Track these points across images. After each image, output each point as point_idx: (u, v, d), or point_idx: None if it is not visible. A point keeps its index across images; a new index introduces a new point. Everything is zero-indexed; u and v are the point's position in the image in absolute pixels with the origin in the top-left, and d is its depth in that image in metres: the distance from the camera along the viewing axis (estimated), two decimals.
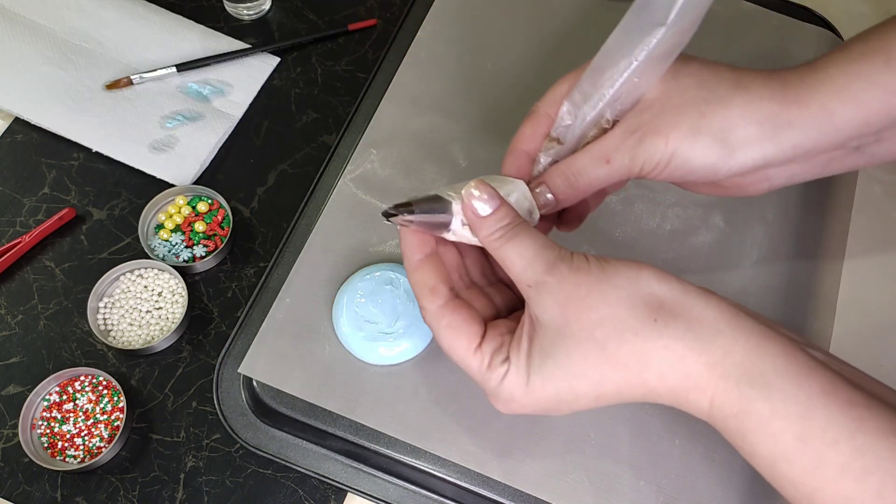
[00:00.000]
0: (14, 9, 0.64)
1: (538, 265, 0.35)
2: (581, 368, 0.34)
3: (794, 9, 0.64)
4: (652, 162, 0.37)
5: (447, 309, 0.37)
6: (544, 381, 0.35)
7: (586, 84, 0.39)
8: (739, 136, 0.37)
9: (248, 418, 0.49)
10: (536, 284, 0.35)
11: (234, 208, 0.58)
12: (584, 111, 0.39)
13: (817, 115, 0.37)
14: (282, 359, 0.49)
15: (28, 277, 0.56)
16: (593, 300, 0.34)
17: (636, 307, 0.33)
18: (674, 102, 0.37)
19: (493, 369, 0.36)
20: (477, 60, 0.60)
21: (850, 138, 0.38)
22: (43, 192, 0.59)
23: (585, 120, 0.39)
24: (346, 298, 0.49)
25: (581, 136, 0.40)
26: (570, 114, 0.39)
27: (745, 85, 0.37)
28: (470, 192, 0.37)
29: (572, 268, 0.34)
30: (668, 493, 0.45)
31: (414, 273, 0.39)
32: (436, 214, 0.37)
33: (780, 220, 0.55)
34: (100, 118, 0.60)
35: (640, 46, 0.36)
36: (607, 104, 0.38)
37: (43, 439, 0.50)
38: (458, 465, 0.46)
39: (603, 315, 0.33)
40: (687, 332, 0.33)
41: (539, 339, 0.35)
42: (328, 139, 0.62)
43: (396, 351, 0.48)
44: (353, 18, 0.67)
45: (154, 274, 0.55)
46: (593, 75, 0.38)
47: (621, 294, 0.34)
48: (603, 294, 0.34)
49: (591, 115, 0.39)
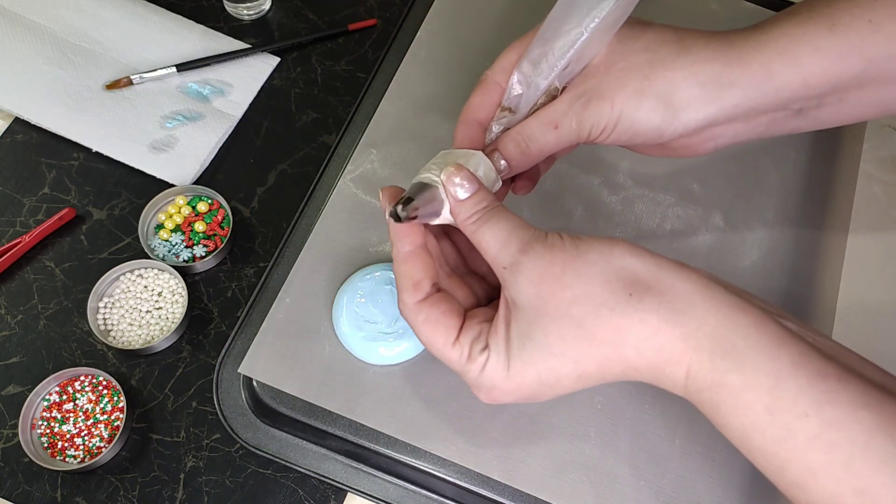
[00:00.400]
0: (14, 9, 0.64)
1: (512, 246, 0.35)
2: (560, 347, 0.34)
3: None
4: (599, 126, 0.38)
5: (425, 304, 0.37)
6: (525, 364, 0.35)
7: (535, 53, 0.39)
8: (682, 97, 0.37)
9: (248, 418, 0.49)
10: (511, 266, 0.35)
11: (234, 208, 0.58)
12: (536, 81, 0.39)
13: (758, 75, 0.37)
14: (282, 359, 0.49)
15: (28, 277, 0.56)
16: (568, 278, 0.34)
17: (610, 282, 0.34)
18: (618, 66, 0.38)
19: (472, 360, 0.36)
20: (477, 60, 0.60)
21: (791, 100, 0.38)
22: (43, 192, 0.59)
23: (538, 90, 0.40)
24: (346, 298, 0.49)
25: (532, 104, 0.40)
26: (521, 83, 0.40)
27: (688, 46, 0.38)
28: (450, 178, 0.37)
29: (546, 246, 0.35)
30: (668, 493, 0.45)
31: (401, 264, 0.38)
32: (431, 204, 0.37)
33: (780, 220, 0.55)
34: (100, 118, 0.60)
35: (589, 17, 0.37)
36: (557, 74, 0.39)
37: (43, 439, 0.50)
38: (458, 465, 0.46)
39: (578, 292, 0.34)
40: (661, 304, 0.33)
41: (516, 322, 0.35)
42: (328, 139, 0.62)
43: (396, 351, 0.48)
44: (353, 18, 0.67)
45: (154, 274, 0.55)
46: (542, 45, 0.39)
47: (595, 270, 0.34)
48: (577, 271, 0.34)
49: (543, 86, 0.39)
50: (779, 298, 0.52)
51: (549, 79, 0.39)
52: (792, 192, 0.56)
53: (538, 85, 0.39)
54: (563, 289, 0.34)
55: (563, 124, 0.39)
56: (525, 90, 0.40)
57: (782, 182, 0.56)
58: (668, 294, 0.33)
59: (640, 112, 0.38)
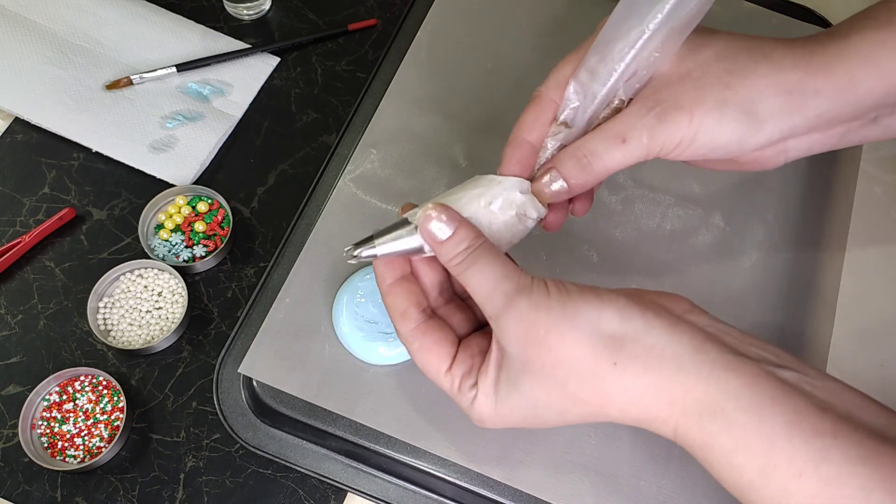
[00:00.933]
0: (14, 9, 0.64)
1: (497, 298, 0.34)
2: (544, 401, 0.34)
3: (794, 9, 0.64)
4: (674, 140, 0.35)
5: (418, 332, 0.37)
6: (511, 409, 0.35)
7: (593, 60, 0.36)
8: (767, 107, 0.35)
9: (248, 418, 0.49)
10: (496, 318, 0.34)
11: (234, 208, 0.58)
12: (594, 89, 0.36)
13: (843, 83, 0.36)
14: (282, 359, 0.49)
15: (28, 277, 0.56)
16: (552, 341, 0.33)
17: (595, 349, 0.33)
18: (694, 76, 0.36)
19: (462, 393, 0.36)
20: (477, 60, 0.60)
21: (871, 108, 0.37)
22: (43, 192, 0.59)
23: (596, 99, 0.36)
24: (346, 298, 0.49)
25: (592, 117, 0.37)
26: (578, 94, 0.37)
27: (767, 54, 0.36)
28: (427, 215, 0.35)
29: (531, 304, 0.33)
30: (668, 493, 0.45)
31: (386, 297, 0.38)
32: (403, 240, 0.36)
33: (780, 220, 0.55)
34: (100, 118, 0.60)
35: (651, 14, 0.34)
36: (619, 80, 0.36)
37: (43, 439, 0.50)
38: (458, 465, 0.46)
39: (561, 357, 0.33)
40: (646, 372, 0.32)
41: (506, 369, 0.35)
42: (328, 139, 0.62)
43: (396, 351, 0.48)
44: (353, 18, 0.67)
45: (154, 274, 0.55)
46: (601, 50, 0.36)
47: (580, 336, 0.33)
48: (561, 335, 0.33)
49: (602, 93, 0.36)
50: (778, 299, 0.52)
51: (608, 85, 0.36)
52: (792, 192, 0.56)
53: (596, 93, 0.36)
54: (547, 351, 0.33)
55: (631, 138, 0.36)
56: (582, 101, 0.37)
57: (782, 182, 0.56)
58: (655, 360, 0.32)
59: (723, 124, 0.35)
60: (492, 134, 0.57)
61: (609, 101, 0.37)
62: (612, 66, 0.36)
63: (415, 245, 0.36)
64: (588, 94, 0.37)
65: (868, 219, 0.55)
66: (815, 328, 0.51)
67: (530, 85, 0.59)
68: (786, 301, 0.52)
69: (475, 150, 0.56)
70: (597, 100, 0.37)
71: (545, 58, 0.60)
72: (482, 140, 0.56)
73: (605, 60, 0.36)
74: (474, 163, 0.56)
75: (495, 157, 0.56)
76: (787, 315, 0.52)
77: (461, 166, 0.55)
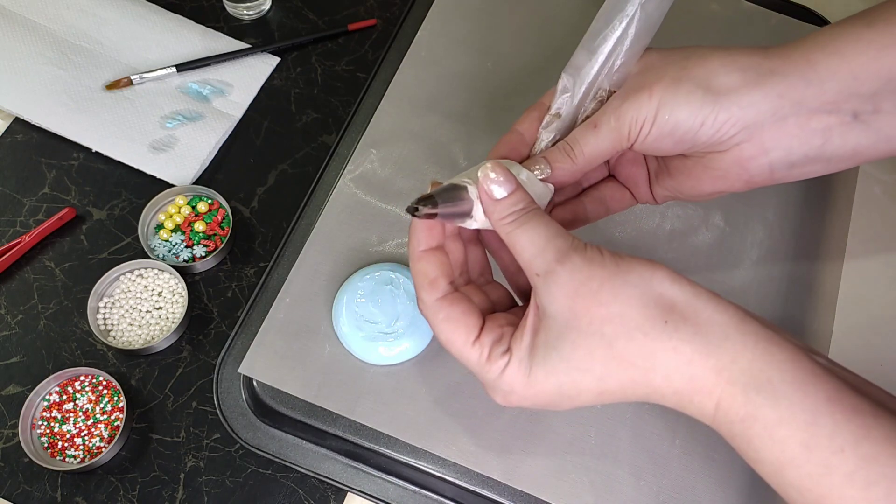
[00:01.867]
0: (14, 9, 0.64)
1: (549, 253, 0.34)
2: (586, 363, 0.34)
3: (794, 9, 0.64)
4: (638, 120, 0.37)
5: (445, 302, 0.37)
6: (547, 373, 0.34)
7: (581, 54, 0.39)
8: (722, 81, 0.37)
9: (248, 418, 0.49)
10: (546, 274, 0.34)
11: (234, 208, 0.58)
12: (581, 76, 0.39)
13: (799, 63, 0.37)
14: (282, 359, 0.49)
15: (28, 277, 0.56)
16: (604, 295, 0.33)
17: (647, 307, 0.33)
18: (656, 66, 0.38)
19: (492, 361, 0.36)
20: (477, 60, 0.60)
21: (840, 98, 0.37)
22: (43, 192, 0.59)
23: (584, 84, 0.39)
24: (346, 298, 0.49)
25: (579, 105, 0.40)
26: (569, 83, 0.40)
27: (725, 47, 0.39)
28: (486, 174, 0.36)
29: (585, 259, 0.34)
30: (668, 493, 0.45)
31: (417, 262, 0.38)
32: (457, 203, 0.37)
33: (780, 220, 0.55)
34: (100, 118, 0.60)
35: (628, 6, 0.37)
36: (601, 71, 0.38)
37: (43, 439, 0.50)
38: (458, 465, 0.46)
39: (613, 311, 0.33)
40: (696, 335, 0.33)
41: (544, 331, 0.34)
42: (328, 139, 0.62)
43: (396, 351, 0.48)
44: (353, 18, 0.67)
45: (154, 274, 0.55)
46: (588, 41, 0.39)
47: (634, 292, 0.33)
48: (615, 290, 0.33)
49: (587, 82, 0.39)
50: (779, 298, 0.52)
51: (592, 73, 0.39)
52: (792, 192, 0.56)
53: (583, 81, 0.39)
54: (598, 305, 0.33)
55: (601, 122, 0.38)
56: (571, 89, 0.39)
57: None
58: (703, 325, 0.33)
59: (679, 97, 0.37)
60: (492, 134, 0.57)
61: (596, 94, 0.40)
62: (594, 56, 0.38)
63: (467, 207, 0.37)
64: (576, 84, 0.39)
65: (868, 218, 0.55)
66: (815, 328, 0.51)
67: (531, 84, 0.59)
68: (786, 300, 0.52)
69: (475, 150, 0.56)
70: (583, 88, 0.39)
71: (545, 57, 0.60)
72: (482, 140, 0.56)
73: (589, 52, 0.38)
74: (474, 162, 0.55)
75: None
76: (788, 314, 0.52)
77: (461, 166, 0.55)
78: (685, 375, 0.33)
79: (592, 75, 0.39)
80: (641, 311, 0.33)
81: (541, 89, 0.42)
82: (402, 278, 0.50)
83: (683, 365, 0.33)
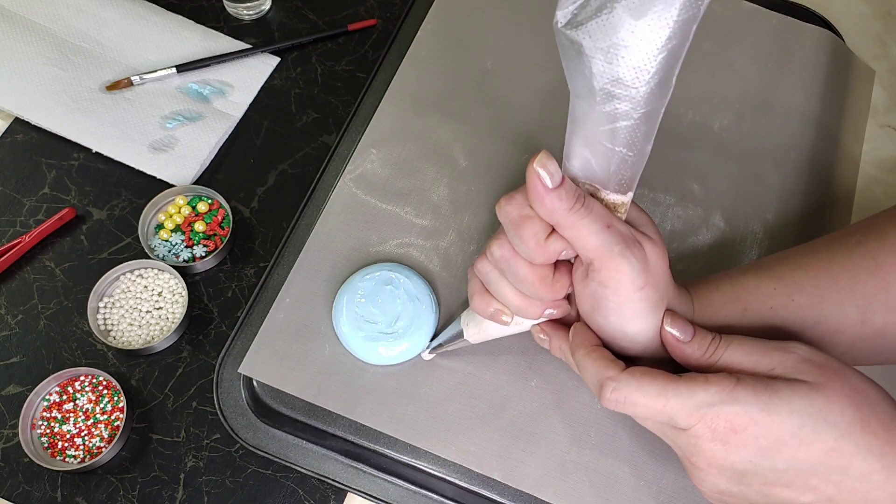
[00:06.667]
0: (14, 9, 0.64)
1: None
2: None
3: (794, 9, 0.64)
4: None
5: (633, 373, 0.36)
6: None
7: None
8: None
9: (248, 418, 0.49)
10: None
11: (234, 208, 0.58)
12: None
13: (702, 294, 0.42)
14: (282, 359, 0.49)
15: (28, 277, 0.56)
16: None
17: None
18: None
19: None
20: (477, 60, 0.60)
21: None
22: (43, 192, 0.59)
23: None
24: (346, 298, 0.49)
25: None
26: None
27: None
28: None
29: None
30: (668, 493, 0.45)
31: (592, 360, 0.38)
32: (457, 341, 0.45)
33: (780, 220, 0.55)
34: (100, 118, 0.60)
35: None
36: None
37: (43, 439, 0.50)
38: (458, 465, 0.46)
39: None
40: None
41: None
42: (328, 139, 0.62)
43: (396, 351, 0.48)
44: (353, 18, 0.67)
45: (154, 274, 0.55)
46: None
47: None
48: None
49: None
50: None
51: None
52: (792, 192, 0.56)
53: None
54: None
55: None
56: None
57: (782, 182, 0.56)
58: None
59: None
60: (492, 133, 0.57)
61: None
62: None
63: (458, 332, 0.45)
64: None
65: None
66: None
67: (530, 84, 0.59)
68: None
69: (475, 150, 0.56)
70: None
71: (545, 57, 0.60)
72: (482, 140, 0.56)
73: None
74: (474, 162, 0.56)
75: (495, 156, 0.56)
76: None
77: (461, 166, 0.55)
78: None
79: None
80: None
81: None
82: (402, 278, 0.50)
83: None
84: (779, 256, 0.44)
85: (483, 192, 0.54)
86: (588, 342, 0.38)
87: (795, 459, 0.33)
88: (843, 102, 0.61)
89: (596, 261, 0.35)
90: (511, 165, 0.55)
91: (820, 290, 0.41)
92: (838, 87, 0.61)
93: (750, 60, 0.61)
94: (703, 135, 0.58)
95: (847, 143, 0.60)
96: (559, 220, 0.35)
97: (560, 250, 0.36)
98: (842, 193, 0.58)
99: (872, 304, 0.40)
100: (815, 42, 0.62)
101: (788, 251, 0.45)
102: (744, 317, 0.41)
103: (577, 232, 0.35)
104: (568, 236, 0.35)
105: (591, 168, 0.35)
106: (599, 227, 0.34)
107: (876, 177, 0.59)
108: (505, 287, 0.39)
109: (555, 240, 0.36)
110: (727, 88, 0.59)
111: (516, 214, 0.36)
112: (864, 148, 0.61)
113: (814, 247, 0.44)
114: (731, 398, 0.33)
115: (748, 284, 0.42)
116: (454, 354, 0.49)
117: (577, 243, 0.35)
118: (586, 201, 0.35)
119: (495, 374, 0.48)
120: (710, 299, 0.42)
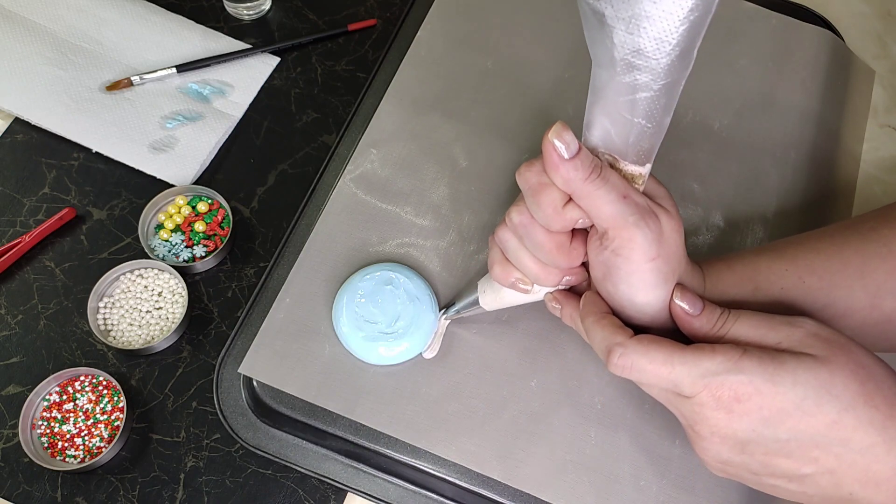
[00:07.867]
0: (14, 9, 0.64)
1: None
2: None
3: (794, 9, 0.64)
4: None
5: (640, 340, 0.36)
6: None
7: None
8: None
9: (248, 418, 0.49)
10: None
11: (234, 208, 0.58)
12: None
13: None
14: (282, 359, 0.49)
15: (28, 277, 0.56)
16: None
17: None
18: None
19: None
20: (477, 60, 0.60)
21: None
22: (43, 192, 0.59)
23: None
24: (346, 298, 0.49)
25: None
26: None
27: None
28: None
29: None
30: (668, 493, 0.45)
31: (602, 327, 0.38)
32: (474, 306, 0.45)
33: (781, 220, 0.55)
34: (100, 118, 0.60)
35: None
36: None
37: (43, 439, 0.50)
38: (458, 465, 0.46)
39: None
40: None
41: None
42: (328, 139, 0.62)
43: (396, 351, 0.48)
44: (353, 18, 0.67)
45: (154, 274, 0.55)
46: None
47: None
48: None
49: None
50: None
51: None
52: (792, 192, 0.56)
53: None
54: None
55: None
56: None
57: (782, 182, 0.56)
58: None
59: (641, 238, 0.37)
60: (492, 133, 0.57)
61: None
62: None
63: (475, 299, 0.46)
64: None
65: None
66: None
67: (531, 84, 0.59)
68: None
69: (475, 150, 0.56)
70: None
71: (545, 57, 0.60)
72: (482, 140, 0.56)
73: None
74: (474, 162, 0.56)
75: (495, 156, 0.56)
76: None
77: (461, 166, 0.55)
78: None
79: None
80: None
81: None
82: (402, 278, 0.50)
83: None
84: (793, 240, 0.45)
85: (483, 192, 0.54)
86: (598, 310, 0.39)
87: (798, 430, 0.34)
88: (843, 102, 0.61)
89: (611, 230, 0.36)
90: (511, 165, 0.55)
91: (831, 273, 0.41)
92: (838, 87, 0.61)
93: (750, 60, 0.61)
94: (703, 134, 0.58)
95: (847, 143, 0.60)
96: (575, 190, 0.35)
97: (577, 218, 0.36)
98: (842, 193, 0.58)
99: (882, 289, 0.41)
100: (815, 42, 0.62)
101: (802, 235, 0.45)
102: (754, 296, 0.41)
103: (593, 201, 0.35)
104: (584, 205, 0.35)
105: (611, 138, 0.35)
106: (615, 196, 0.35)
107: (876, 176, 0.59)
108: (523, 254, 0.39)
109: (571, 208, 0.36)
110: (727, 88, 0.59)
111: (535, 181, 0.36)
112: (864, 147, 0.61)
113: (828, 231, 0.44)
114: (737, 367, 0.34)
115: (760, 265, 0.42)
116: (454, 354, 0.49)
117: (593, 212, 0.35)
118: (602, 171, 0.35)
119: (495, 374, 0.48)
120: (722, 277, 0.42)
